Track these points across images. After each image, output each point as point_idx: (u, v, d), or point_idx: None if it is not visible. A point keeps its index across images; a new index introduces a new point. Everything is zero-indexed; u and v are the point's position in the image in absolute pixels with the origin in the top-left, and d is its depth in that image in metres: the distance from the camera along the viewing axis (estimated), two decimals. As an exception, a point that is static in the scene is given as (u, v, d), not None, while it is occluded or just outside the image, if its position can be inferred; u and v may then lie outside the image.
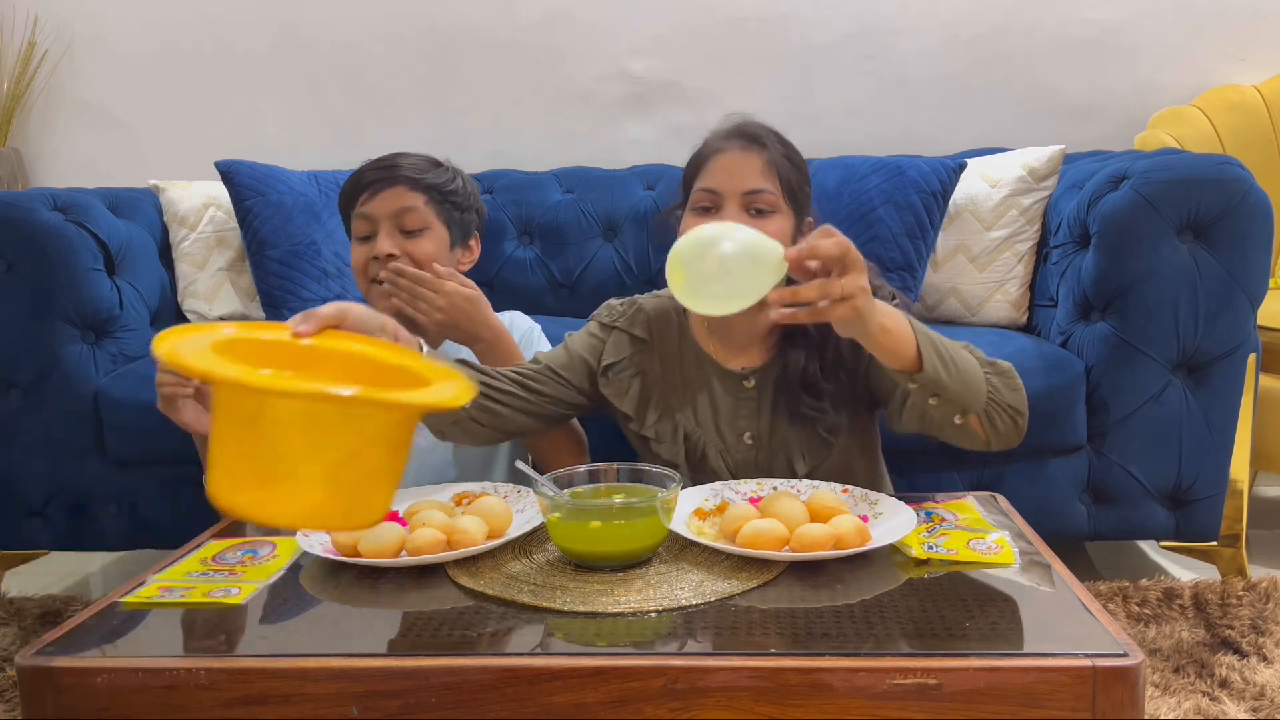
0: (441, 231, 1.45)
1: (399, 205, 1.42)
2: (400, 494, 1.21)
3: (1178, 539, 1.77)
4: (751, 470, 1.32)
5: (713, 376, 1.35)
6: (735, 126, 1.31)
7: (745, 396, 1.34)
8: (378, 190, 1.42)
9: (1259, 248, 1.65)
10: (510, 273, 2.33)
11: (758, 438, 1.33)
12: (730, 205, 1.25)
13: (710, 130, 1.34)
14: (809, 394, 1.29)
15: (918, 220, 1.98)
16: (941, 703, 0.80)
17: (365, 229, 1.43)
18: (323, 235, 2.13)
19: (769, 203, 1.26)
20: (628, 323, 1.37)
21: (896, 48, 2.53)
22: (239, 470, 0.78)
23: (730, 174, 1.26)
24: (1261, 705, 1.39)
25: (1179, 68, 2.47)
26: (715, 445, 1.33)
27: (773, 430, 1.32)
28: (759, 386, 1.34)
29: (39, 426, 1.84)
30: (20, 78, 2.62)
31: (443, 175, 1.47)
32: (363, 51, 2.62)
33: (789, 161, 1.29)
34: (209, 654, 0.86)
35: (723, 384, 1.34)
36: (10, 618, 1.79)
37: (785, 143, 1.31)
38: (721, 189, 1.26)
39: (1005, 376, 1.15)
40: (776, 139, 1.30)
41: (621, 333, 1.36)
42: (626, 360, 1.35)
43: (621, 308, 1.39)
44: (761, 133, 1.29)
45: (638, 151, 2.56)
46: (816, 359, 1.30)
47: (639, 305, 1.39)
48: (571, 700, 0.82)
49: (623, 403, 1.35)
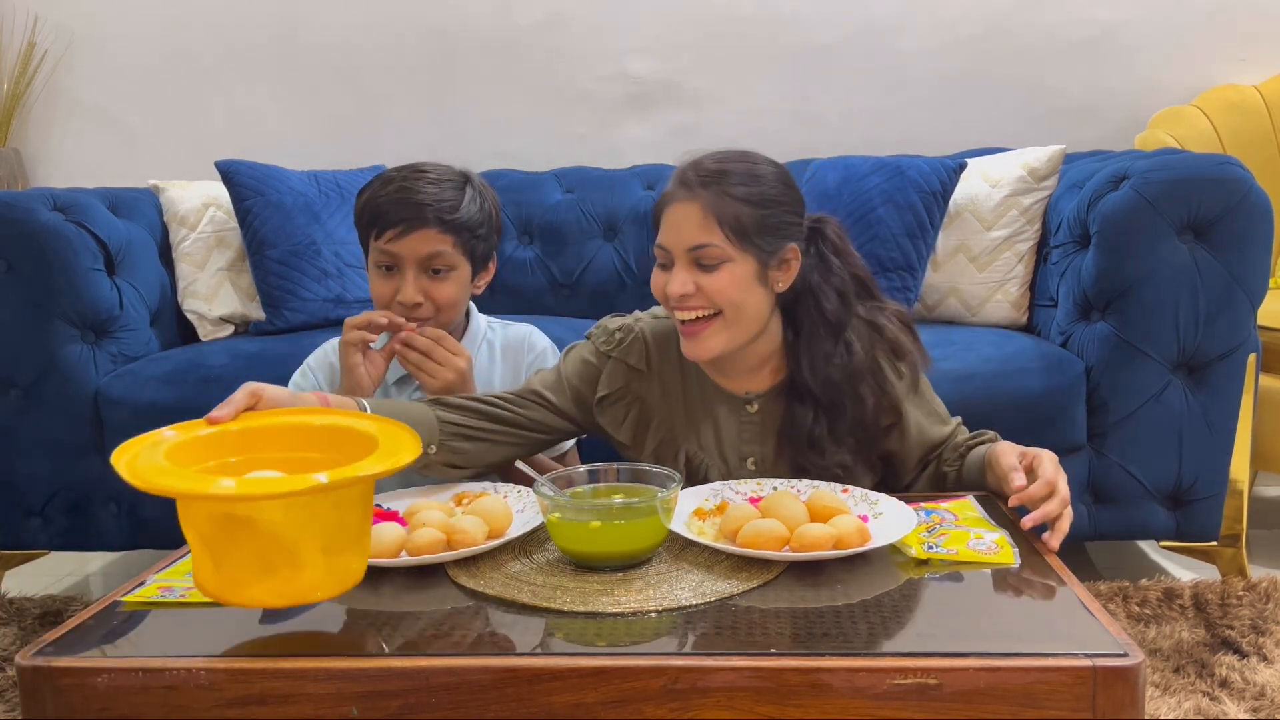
0: (465, 269, 1.41)
1: (428, 250, 1.37)
2: (400, 494, 1.22)
3: (1178, 539, 1.77)
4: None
5: (715, 400, 1.33)
6: (681, 170, 1.25)
7: (748, 420, 1.32)
8: (407, 231, 1.36)
9: (1259, 248, 1.65)
10: (510, 273, 2.33)
11: (760, 462, 1.31)
12: (680, 261, 1.23)
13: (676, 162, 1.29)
14: (813, 451, 1.27)
15: (918, 220, 1.98)
16: (941, 703, 0.80)
17: (388, 261, 1.39)
18: (322, 235, 2.13)
19: (715, 256, 1.21)
20: (624, 352, 1.33)
21: (896, 48, 2.53)
22: (241, 568, 0.85)
23: (676, 230, 1.23)
24: (1261, 705, 1.39)
25: (1179, 68, 2.47)
26: (718, 469, 1.31)
27: (777, 455, 1.31)
28: (762, 411, 1.32)
29: (39, 426, 1.84)
30: (20, 78, 2.62)
31: (470, 210, 1.40)
32: (363, 51, 2.62)
33: (737, 201, 1.21)
34: (209, 654, 0.86)
35: (725, 408, 1.33)
36: (10, 618, 1.79)
37: (737, 174, 1.23)
38: (670, 246, 1.24)
39: None
40: (728, 177, 1.22)
41: (618, 362, 1.33)
42: (622, 389, 1.33)
43: (619, 334, 1.34)
44: (706, 177, 1.22)
45: (638, 151, 2.56)
46: (824, 421, 1.27)
47: (636, 333, 1.34)
48: (571, 700, 0.82)
49: (619, 432, 1.34)
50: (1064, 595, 0.94)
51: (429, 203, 1.36)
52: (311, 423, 0.99)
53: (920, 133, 2.49)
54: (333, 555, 0.86)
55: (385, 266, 1.40)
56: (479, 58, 2.61)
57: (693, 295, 1.22)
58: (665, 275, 1.25)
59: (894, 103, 2.54)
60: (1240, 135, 2.32)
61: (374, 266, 1.42)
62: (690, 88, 2.59)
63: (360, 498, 0.89)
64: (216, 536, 0.85)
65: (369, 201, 1.40)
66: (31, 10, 2.64)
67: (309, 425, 0.98)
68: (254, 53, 2.64)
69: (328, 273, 2.12)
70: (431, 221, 1.36)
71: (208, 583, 0.87)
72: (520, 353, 1.51)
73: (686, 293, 1.22)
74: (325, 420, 0.99)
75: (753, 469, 1.31)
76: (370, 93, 2.64)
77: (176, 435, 0.93)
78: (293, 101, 2.65)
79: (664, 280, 1.25)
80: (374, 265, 1.42)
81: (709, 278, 1.22)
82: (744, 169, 1.24)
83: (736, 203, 1.22)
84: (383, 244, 1.38)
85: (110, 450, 0.87)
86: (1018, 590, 0.97)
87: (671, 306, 1.25)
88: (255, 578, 0.85)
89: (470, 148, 2.49)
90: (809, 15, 2.53)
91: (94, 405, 1.83)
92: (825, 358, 1.27)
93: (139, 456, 0.87)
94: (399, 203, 1.37)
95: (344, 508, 0.87)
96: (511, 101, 2.62)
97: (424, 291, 1.38)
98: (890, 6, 2.51)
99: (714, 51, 2.57)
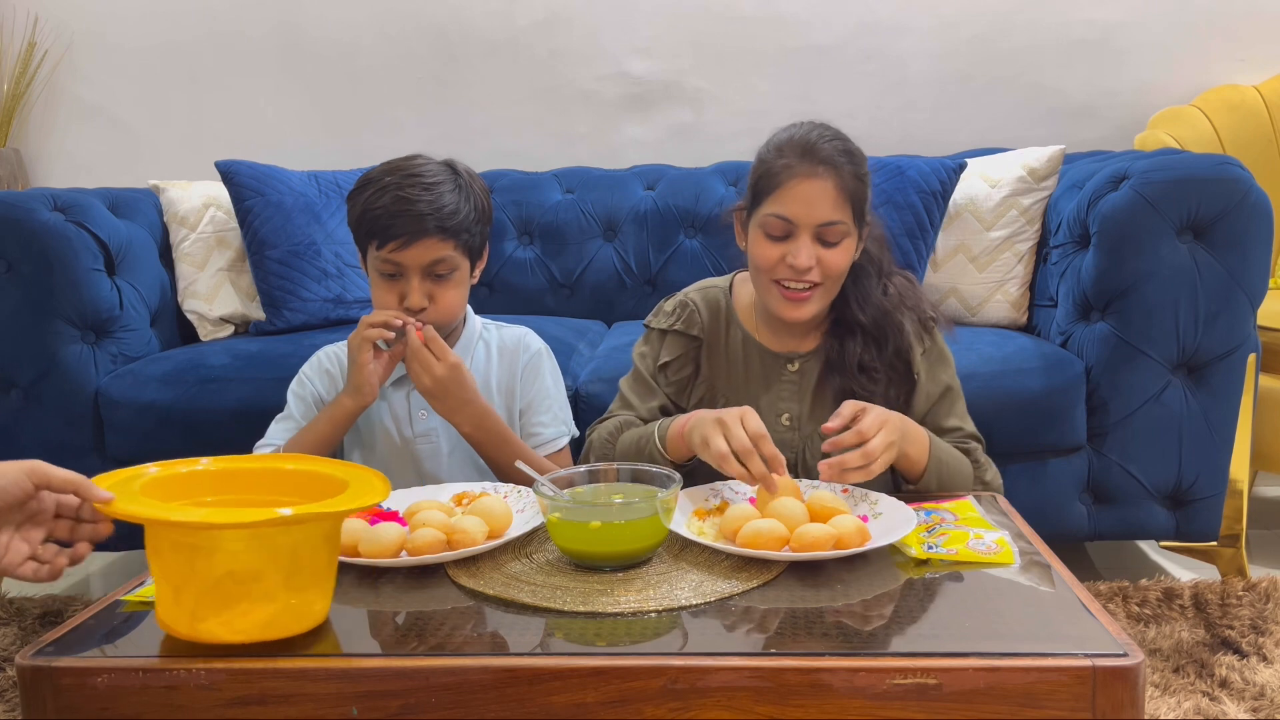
0: (465, 268, 1.43)
1: (431, 257, 1.37)
2: (400, 494, 1.22)
3: (1178, 539, 1.77)
4: (787, 451, 1.33)
5: (756, 358, 1.39)
6: (811, 146, 1.28)
7: (787, 379, 1.38)
8: (410, 243, 1.36)
9: (1259, 248, 1.65)
10: (510, 273, 2.33)
11: (795, 419, 1.36)
12: (803, 235, 1.28)
13: (781, 135, 1.32)
14: (864, 374, 1.34)
15: (918, 220, 1.98)
16: (941, 703, 0.80)
17: (392, 270, 1.39)
18: (322, 235, 2.13)
19: (840, 234, 1.28)
20: (686, 324, 1.41)
21: (896, 48, 2.53)
22: (199, 601, 0.85)
23: (807, 205, 1.27)
24: (1261, 705, 1.39)
25: (1179, 68, 2.47)
26: None
27: (811, 413, 1.36)
28: (802, 371, 1.38)
29: (39, 426, 1.84)
30: (20, 78, 2.62)
31: (465, 209, 1.39)
32: (363, 51, 2.62)
33: (857, 180, 1.29)
34: (209, 654, 0.86)
35: (765, 366, 1.39)
36: (10, 618, 1.79)
37: (852, 154, 1.30)
38: (797, 219, 1.27)
39: (989, 488, 1.32)
40: (847, 156, 1.29)
41: (677, 334, 1.41)
42: (681, 356, 1.41)
43: (678, 310, 1.42)
44: (835, 155, 1.28)
45: (638, 151, 2.56)
46: (873, 347, 1.35)
47: (692, 307, 1.42)
48: (571, 700, 0.82)
49: (671, 390, 1.41)
50: (1064, 595, 0.94)
51: (428, 212, 1.36)
52: (284, 467, 1.01)
53: (920, 133, 2.49)
54: (293, 592, 0.87)
55: (388, 274, 1.40)
56: (479, 58, 2.61)
57: (814, 269, 1.28)
58: (778, 246, 1.29)
59: (894, 103, 2.54)
60: (1240, 135, 2.32)
61: (375, 273, 1.42)
62: (690, 88, 2.59)
63: (324, 538, 0.89)
64: (179, 567, 0.86)
65: (366, 211, 1.39)
66: (31, 10, 2.64)
67: (281, 470, 1.00)
68: (254, 53, 2.64)
69: (328, 273, 2.12)
70: (432, 231, 1.36)
71: (167, 615, 0.87)
72: (516, 353, 1.52)
73: (811, 265, 1.27)
74: (297, 465, 1.01)
75: (787, 424, 1.36)
76: (370, 93, 2.64)
77: (157, 471, 0.95)
78: (293, 101, 2.65)
79: (778, 251, 1.29)
80: (375, 272, 1.42)
81: (831, 253, 1.28)
82: (851, 147, 1.31)
83: (859, 183, 1.29)
84: (385, 254, 1.38)
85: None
86: (1018, 590, 0.96)
87: (781, 276, 1.29)
88: (213, 610, 0.85)
89: (470, 148, 2.49)
90: (809, 15, 2.53)
91: (94, 405, 1.83)
92: (870, 292, 1.36)
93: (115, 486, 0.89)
94: (398, 215, 1.36)
95: (307, 545, 0.87)
96: (511, 101, 2.62)
97: (429, 295, 1.39)
98: (890, 6, 2.51)
99: (714, 51, 2.57)
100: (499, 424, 1.40)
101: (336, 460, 1.03)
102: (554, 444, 1.49)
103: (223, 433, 1.75)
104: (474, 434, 1.39)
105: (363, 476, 0.95)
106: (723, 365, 1.41)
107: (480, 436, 1.39)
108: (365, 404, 1.38)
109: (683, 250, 2.30)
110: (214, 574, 0.85)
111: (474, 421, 1.38)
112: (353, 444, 1.48)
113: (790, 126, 1.33)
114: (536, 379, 1.50)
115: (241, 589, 0.85)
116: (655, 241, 2.31)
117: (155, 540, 0.86)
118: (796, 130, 1.31)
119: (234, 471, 1.00)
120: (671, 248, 2.31)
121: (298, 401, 1.47)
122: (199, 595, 0.85)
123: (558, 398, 1.53)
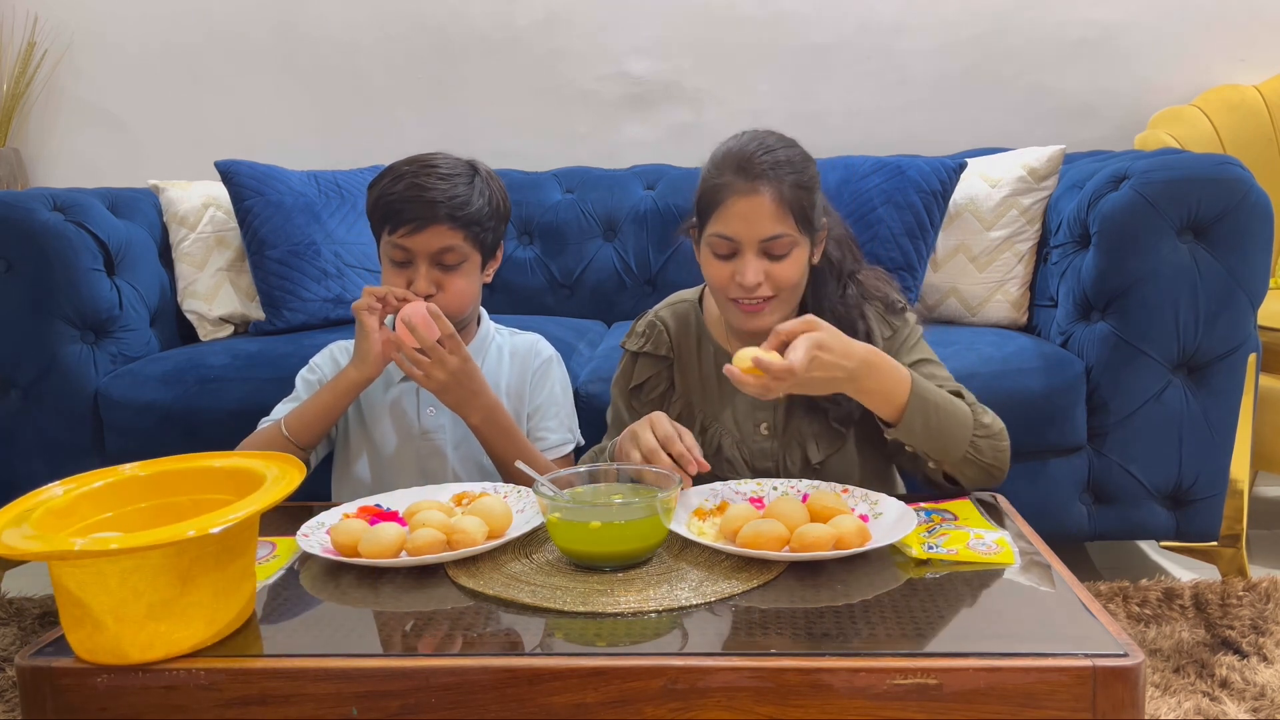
0: (476, 261, 1.45)
1: (440, 245, 1.40)
2: (400, 494, 1.22)
3: (1178, 539, 1.77)
4: (767, 460, 1.34)
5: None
6: (746, 160, 1.25)
7: None
8: (420, 228, 1.39)
9: (1259, 248, 1.65)
10: (510, 273, 2.33)
11: (774, 428, 1.36)
12: (748, 253, 1.26)
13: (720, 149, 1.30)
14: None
15: (918, 220, 1.98)
16: (941, 703, 0.80)
17: (402, 257, 1.42)
18: (322, 235, 2.13)
19: (786, 245, 1.26)
20: (653, 346, 1.41)
21: (896, 48, 2.53)
22: (64, 615, 0.85)
23: (747, 223, 1.25)
24: (1261, 705, 1.39)
25: (1179, 68, 2.47)
26: (732, 436, 1.36)
27: (788, 421, 1.35)
28: None
29: (39, 426, 1.84)
30: (20, 78, 2.62)
31: (479, 203, 1.42)
32: (363, 51, 2.62)
33: (798, 189, 1.25)
34: (209, 654, 0.86)
35: None
36: (10, 618, 1.79)
37: (792, 162, 1.26)
38: (739, 237, 1.26)
39: (994, 439, 1.24)
40: (786, 167, 1.25)
41: (648, 356, 1.41)
42: (653, 377, 1.41)
43: (645, 331, 1.42)
44: (770, 168, 1.25)
45: (638, 151, 2.57)
46: None
47: (659, 326, 1.42)
48: (571, 700, 0.82)
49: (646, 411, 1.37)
50: (1064, 595, 0.94)
51: (440, 200, 1.39)
52: (213, 465, 1.01)
53: (920, 133, 2.49)
54: (124, 623, 0.83)
55: (400, 263, 1.43)
56: (479, 57, 2.61)
57: (764, 284, 1.27)
58: (726, 264, 1.28)
59: (894, 103, 2.54)
60: (1240, 135, 2.32)
61: (386, 259, 1.45)
62: (690, 88, 2.59)
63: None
64: (95, 593, 0.84)
65: (381, 197, 1.42)
66: (31, 10, 2.64)
67: (211, 468, 1.00)
68: (254, 52, 2.64)
69: (328, 273, 2.12)
70: (443, 218, 1.39)
71: (83, 646, 0.87)
72: (528, 358, 1.54)
73: (759, 281, 1.26)
74: (226, 463, 1.01)
75: (765, 433, 1.35)
76: (370, 92, 2.64)
77: (74, 487, 0.96)
78: (293, 101, 2.65)
79: (727, 270, 1.28)
80: (386, 258, 1.45)
81: (779, 265, 1.27)
82: (792, 155, 1.28)
83: (799, 190, 1.26)
84: (396, 239, 1.41)
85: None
86: (1018, 590, 0.96)
87: (734, 295, 1.28)
88: (70, 627, 0.86)
89: (470, 147, 2.45)
90: (809, 15, 2.53)
91: (94, 405, 1.83)
92: (826, 299, 1.34)
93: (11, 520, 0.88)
94: (411, 200, 1.39)
95: (138, 577, 0.82)
96: (511, 101, 2.62)
97: (436, 283, 1.41)
98: (890, 6, 2.51)
99: (714, 51, 2.57)
100: (506, 418, 1.41)
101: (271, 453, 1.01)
102: (559, 450, 1.51)
103: (222, 432, 1.74)
104: (481, 427, 1.40)
105: (272, 460, 0.97)
106: (696, 379, 1.40)
107: (488, 430, 1.40)
108: (370, 375, 1.39)
109: (683, 250, 2.30)
110: (63, 597, 0.85)
111: (483, 414, 1.39)
112: (359, 440, 1.49)
113: (731, 139, 1.30)
114: (546, 385, 1.52)
115: (80, 611, 0.84)
116: (655, 241, 2.32)
117: (63, 571, 0.85)
118: (734, 143, 1.29)
119: (166, 474, 0.99)
120: (671, 247, 2.31)
121: (305, 385, 1.50)
122: (63, 611, 0.86)
123: (565, 405, 1.54)
